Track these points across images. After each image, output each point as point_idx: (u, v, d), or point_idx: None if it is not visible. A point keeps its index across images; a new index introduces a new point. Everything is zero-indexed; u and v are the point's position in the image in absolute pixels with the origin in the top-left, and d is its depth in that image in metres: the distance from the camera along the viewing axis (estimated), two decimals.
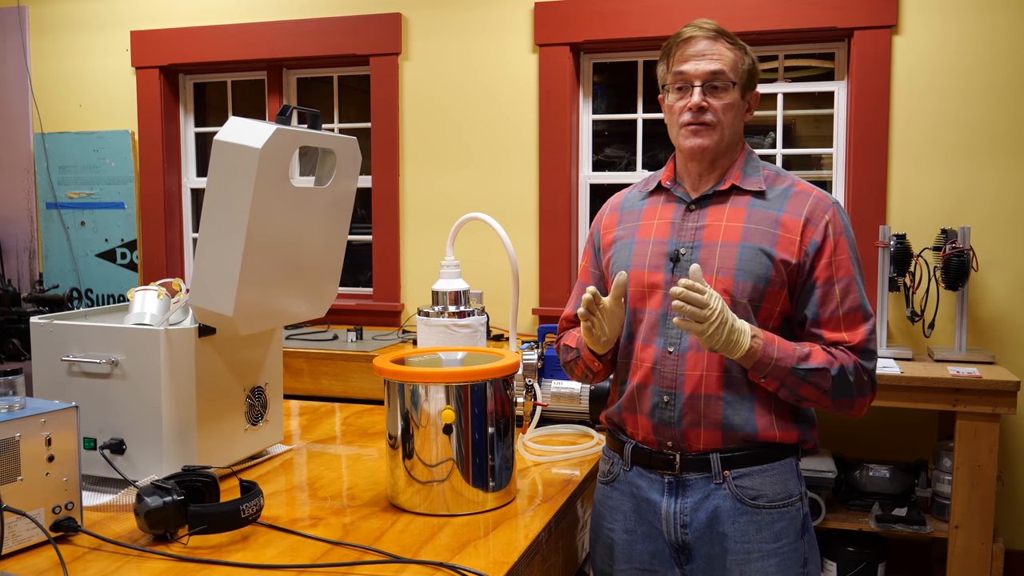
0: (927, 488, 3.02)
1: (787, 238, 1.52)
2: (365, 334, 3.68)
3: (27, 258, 4.23)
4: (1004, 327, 3.27)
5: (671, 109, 1.59)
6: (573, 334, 1.71)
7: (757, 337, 1.47)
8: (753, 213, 1.55)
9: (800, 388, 1.49)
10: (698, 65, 1.54)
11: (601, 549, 1.67)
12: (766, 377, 1.48)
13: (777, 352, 1.47)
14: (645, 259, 1.59)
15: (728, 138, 1.58)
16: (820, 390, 1.49)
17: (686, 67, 1.55)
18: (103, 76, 4.36)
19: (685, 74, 1.55)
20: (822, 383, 1.49)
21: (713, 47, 1.55)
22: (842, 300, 1.51)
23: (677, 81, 1.57)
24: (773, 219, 1.54)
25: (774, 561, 1.52)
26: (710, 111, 1.54)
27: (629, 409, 1.61)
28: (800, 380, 1.48)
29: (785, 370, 1.47)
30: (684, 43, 1.57)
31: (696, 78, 1.54)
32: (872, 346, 1.53)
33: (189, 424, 1.60)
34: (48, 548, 1.33)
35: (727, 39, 1.57)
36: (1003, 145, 3.25)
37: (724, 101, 1.55)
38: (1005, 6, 3.22)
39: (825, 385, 1.49)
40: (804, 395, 1.50)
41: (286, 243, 1.64)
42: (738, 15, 3.42)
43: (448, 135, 3.90)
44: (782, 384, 1.49)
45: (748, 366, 1.48)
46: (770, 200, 1.56)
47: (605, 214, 1.74)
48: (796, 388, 1.49)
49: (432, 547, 1.36)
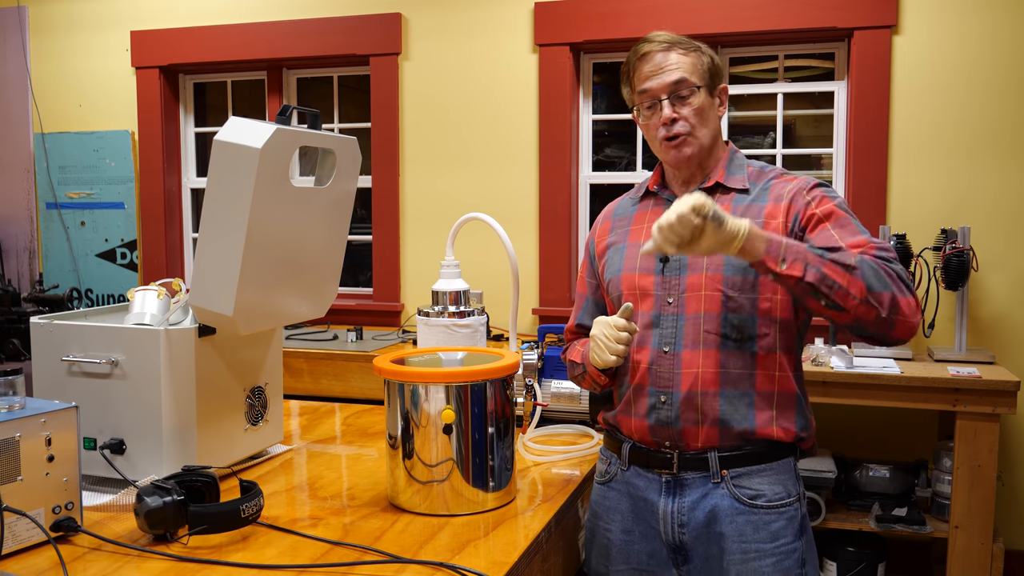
0: (927, 488, 3.02)
1: (773, 225, 1.53)
2: (365, 334, 3.68)
3: (27, 258, 4.23)
4: (1004, 327, 3.27)
5: (646, 127, 1.62)
6: (577, 348, 1.73)
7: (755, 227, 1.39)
8: (737, 209, 1.56)
9: (825, 267, 1.36)
10: (661, 79, 1.57)
11: (597, 550, 1.67)
12: (786, 260, 1.36)
13: (785, 238, 1.39)
14: (636, 262, 1.62)
15: (708, 140, 1.60)
16: (847, 270, 1.36)
17: (648, 84, 1.58)
18: (103, 76, 4.36)
19: (650, 91, 1.58)
20: (846, 260, 1.37)
21: (667, 58, 1.57)
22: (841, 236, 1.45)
23: (644, 100, 1.60)
24: (757, 210, 1.55)
25: (771, 561, 1.52)
26: (682, 121, 1.57)
27: (625, 412, 1.62)
28: (821, 258, 1.37)
29: (802, 249, 1.37)
30: (640, 61, 1.60)
31: (661, 92, 1.57)
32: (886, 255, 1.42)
33: (189, 424, 1.60)
34: (48, 548, 1.33)
35: (680, 47, 1.59)
36: (1003, 145, 3.25)
37: (694, 107, 1.57)
38: (1005, 6, 3.22)
39: (850, 261, 1.36)
40: (833, 278, 1.35)
41: (286, 243, 1.64)
42: (738, 15, 3.42)
43: (448, 135, 3.90)
44: (807, 264, 1.36)
45: (760, 252, 1.36)
46: (753, 194, 1.58)
47: (599, 223, 1.77)
48: (822, 266, 1.36)
49: (432, 547, 1.36)
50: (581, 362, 1.67)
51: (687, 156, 1.58)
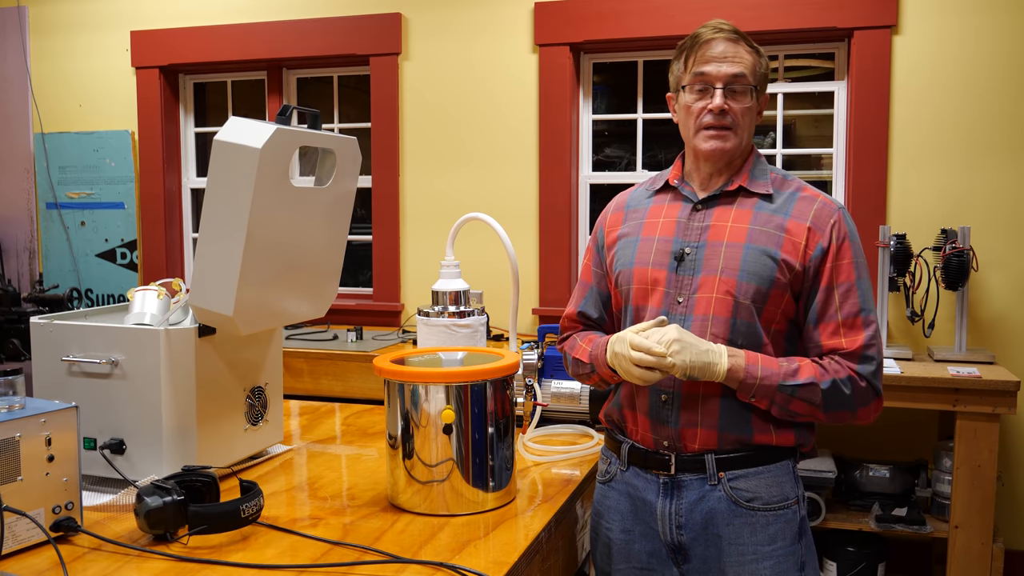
0: (927, 488, 3.02)
1: (792, 242, 1.52)
2: (365, 334, 3.68)
3: (27, 258, 4.23)
4: (1004, 327, 3.27)
5: (688, 110, 1.57)
6: (581, 346, 1.67)
7: (736, 357, 1.47)
8: (759, 215, 1.55)
9: (791, 404, 1.49)
10: (720, 67, 1.53)
11: (601, 548, 1.67)
12: (755, 396, 1.49)
13: (761, 371, 1.47)
14: (649, 256, 1.59)
15: (746, 140, 1.58)
16: (811, 404, 1.49)
17: (708, 68, 1.54)
18: (103, 76, 4.36)
19: (707, 75, 1.54)
20: (812, 397, 1.48)
21: (734, 50, 1.54)
22: (841, 305, 1.51)
23: (697, 82, 1.55)
24: (779, 222, 1.53)
25: (769, 564, 1.51)
26: (730, 114, 1.54)
27: (629, 406, 1.61)
28: (789, 397, 1.48)
29: (772, 388, 1.48)
30: (705, 44, 1.55)
31: (718, 80, 1.53)
32: (872, 352, 1.51)
33: (189, 424, 1.60)
34: (48, 548, 1.33)
35: (746, 42, 1.57)
36: (1003, 145, 3.25)
37: (744, 105, 1.55)
38: (1005, 6, 3.22)
39: (815, 399, 1.48)
40: (796, 411, 1.50)
41: (286, 243, 1.64)
42: (738, 15, 3.41)
43: (448, 135, 3.90)
44: (772, 402, 1.49)
45: (734, 387, 1.49)
46: (776, 204, 1.56)
47: (610, 212, 1.73)
48: (786, 405, 1.49)
49: (432, 547, 1.36)
50: (589, 362, 1.64)
51: (723, 150, 1.55)
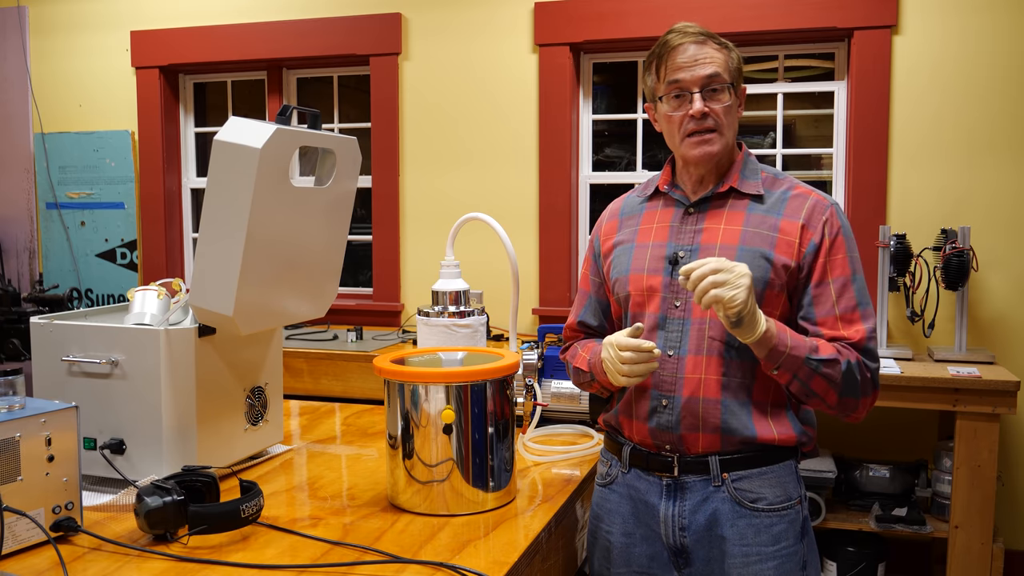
0: (927, 488, 3.02)
1: (785, 241, 1.51)
2: (365, 334, 3.68)
3: (27, 258, 4.23)
4: (1004, 327, 3.27)
5: (670, 119, 1.56)
6: (581, 355, 1.68)
7: (771, 322, 1.44)
8: (751, 217, 1.54)
9: (812, 381, 1.46)
10: (693, 71, 1.52)
11: (599, 552, 1.66)
12: (779, 368, 1.45)
13: (791, 341, 1.45)
14: (644, 263, 1.59)
15: (731, 139, 1.57)
16: (831, 383, 1.46)
17: (681, 75, 1.52)
18: (103, 76, 4.36)
19: (682, 82, 1.53)
20: (833, 374, 1.46)
21: (703, 51, 1.53)
22: (838, 299, 1.50)
23: (673, 90, 1.54)
24: (772, 223, 1.53)
25: (773, 564, 1.51)
26: (712, 116, 1.52)
27: (626, 413, 1.61)
28: (812, 372, 1.45)
29: (799, 360, 1.44)
30: (674, 51, 1.53)
31: (694, 85, 1.52)
32: (873, 345, 1.51)
33: (189, 424, 1.60)
34: (48, 548, 1.33)
35: (714, 40, 1.55)
36: (1003, 145, 3.25)
37: (724, 104, 1.53)
38: (1005, 6, 3.22)
39: (836, 377, 1.46)
40: (815, 388, 1.47)
41: (286, 243, 1.64)
42: (738, 15, 3.41)
43: (448, 135, 3.90)
44: (795, 376, 1.45)
45: (762, 353, 1.45)
46: (768, 204, 1.55)
47: (604, 221, 1.73)
48: (808, 380, 1.46)
49: (432, 547, 1.36)
50: (588, 370, 1.64)
51: (712, 153, 1.54)
